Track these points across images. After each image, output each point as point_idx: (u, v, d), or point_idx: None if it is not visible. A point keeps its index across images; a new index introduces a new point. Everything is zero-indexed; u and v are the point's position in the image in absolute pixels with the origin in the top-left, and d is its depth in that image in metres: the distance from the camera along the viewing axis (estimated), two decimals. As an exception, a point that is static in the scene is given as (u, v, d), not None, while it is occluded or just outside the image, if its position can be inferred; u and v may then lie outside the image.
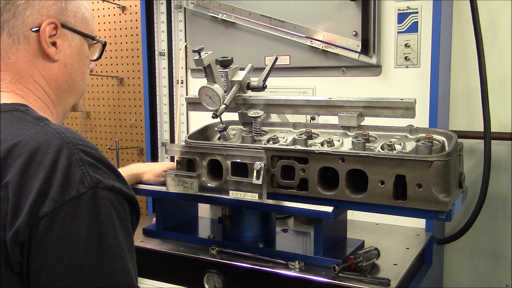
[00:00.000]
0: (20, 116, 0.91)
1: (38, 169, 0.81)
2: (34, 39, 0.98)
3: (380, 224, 1.81)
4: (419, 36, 1.71)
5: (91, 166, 0.84)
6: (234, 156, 1.42)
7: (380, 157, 1.26)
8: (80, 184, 0.81)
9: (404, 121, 1.41)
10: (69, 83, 1.06)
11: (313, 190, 1.36)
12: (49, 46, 0.99)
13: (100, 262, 0.81)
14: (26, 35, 0.98)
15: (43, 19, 0.98)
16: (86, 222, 0.80)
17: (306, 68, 1.91)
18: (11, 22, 0.96)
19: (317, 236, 1.41)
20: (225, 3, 2.00)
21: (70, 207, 0.80)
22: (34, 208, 0.78)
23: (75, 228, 0.80)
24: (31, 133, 0.86)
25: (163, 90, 2.21)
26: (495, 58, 1.86)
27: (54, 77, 1.03)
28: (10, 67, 0.98)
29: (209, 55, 1.50)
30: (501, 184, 1.89)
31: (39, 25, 0.98)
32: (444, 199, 1.20)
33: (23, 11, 0.97)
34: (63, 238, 0.79)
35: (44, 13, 0.98)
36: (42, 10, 0.98)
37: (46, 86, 1.02)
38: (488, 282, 1.98)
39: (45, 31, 0.98)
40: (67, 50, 1.03)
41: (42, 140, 0.84)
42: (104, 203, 0.83)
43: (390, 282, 1.29)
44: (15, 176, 0.80)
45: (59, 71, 1.03)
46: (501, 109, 1.88)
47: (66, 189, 0.80)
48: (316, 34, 1.85)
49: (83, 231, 0.80)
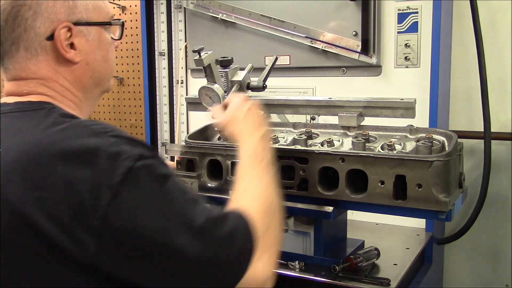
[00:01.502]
0: (47, 113, 0.92)
1: (81, 164, 0.82)
2: (51, 47, 0.97)
3: (380, 224, 1.81)
4: (419, 36, 1.71)
5: (128, 145, 0.85)
6: (234, 156, 1.42)
7: (380, 157, 1.26)
8: (126, 159, 0.82)
9: (404, 121, 1.41)
10: (93, 78, 1.05)
11: (313, 190, 1.36)
12: (67, 51, 0.98)
13: (172, 220, 0.83)
14: (42, 45, 0.97)
15: (55, 25, 0.96)
16: (146, 191, 0.82)
17: (306, 68, 1.91)
18: (24, 36, 0.95)
19: (317, 236, 1.41)
20: (225, 3, 2.00)
21: (126, 185, 0.81)
22: (96, 201, 0.79)
23: (139, 199, 0.81)
24: (62, 129, 0.88)
25: (163, 90, 2.21)
26: (495, 58, 1.86)
27: (78, 78, 1.02)
28: (33, 75, 0.98)
29: (209, 55, 1.50)
30: (501, 184, 1.89)
31: (52, 32, 0.96)
32: (444, 199, 1.20)
33: (33, 23, 0.95)
34: (133, 213, 0.80)
35: (54, 19, 0.96)
36: (51, 16, 0.96)
37: (71, 88, 1.02)
38: (488, 282, 1.98)
39: (60, 37, 0.97)
40: (86, 46, 1.02)
41: (73, 135, 0.86)
42: (153, 168, 0.85)
43: (390, 282, 1.29)
44: None
45: (82, 71, 1.02)
46: (501, 109, 1.88)
47: (115, 171, 0.81)
48: (316, 34, 1.85)
49: (148, 199, 0.82)
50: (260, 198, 1.04)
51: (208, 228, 0.86)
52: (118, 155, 0.82)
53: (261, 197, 1.05)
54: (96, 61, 1.05)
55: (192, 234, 0.84)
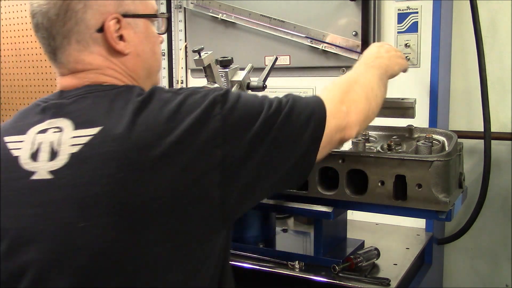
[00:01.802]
0: (128, 89, 0.97)
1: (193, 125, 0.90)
2: (102, 39, 0.98)
3: (380, 224, 1.81)
4: (419, 36, 1.71)
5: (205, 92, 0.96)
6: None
7: (380, 157, 1.26)
8: (215, 91, 0.94)
9: (404, 121, 1.41)
10: (145, 70, 1.07)
11: (313, 190, 1.35)
12: (117, 42, 0.99)
13: None
14: (93, 38, 0.98)
15: (104, 17, 0.97)
16: (243, 106, 0.94)
17: (306, 68, 1.91)
18: (75, 29, 0.96)
19: (317, 236, 1.41)
20: (225, 3, 2.00)
21: (226, 109, 0.91)
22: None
23: (239, 113, 0.93)
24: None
25: (163, 90, 2.21)
26: (495, 58, 1.86)
27: (131, 69, 1.03)
28: (89, 66, 0.99)
29: (209, 55, 1.50)
30: (501, 184, 1.89)
31: (102, 24, 0.98)
32: (444, 199, 1.20)
33: (84, 16, 0.96)
34: (236, 131, 0.92)
35: (104, 11, 0.98)
36: (101, 8, 0.97)
37: (128, 76, 1.03)
38: (488, 282, 1.98)
39: (110, 29, 0.98)
40: (135, 38, 1.03)
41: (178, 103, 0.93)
42: (234, 92, 0.97)
43: (390, 282, 1.29)
44: None
45: (134, 62, 1.03)
46: (501, 109, 1.88)
47: (216, 104, 0.92)
48: (316, 34, 1.85)
49: (244, 113, 0.94)
50: (344, 80, 1.17)
51: None
52: (208, 96, 0.93)
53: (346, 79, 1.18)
54: (146, 53, 1.06)
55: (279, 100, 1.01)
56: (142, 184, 0.84)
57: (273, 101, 0.99)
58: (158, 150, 0.85)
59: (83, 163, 0.86)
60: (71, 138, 0.89)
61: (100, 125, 0.88)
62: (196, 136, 0.87)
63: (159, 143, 0.85)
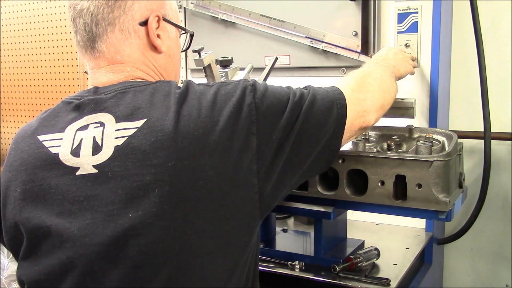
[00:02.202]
0: (164, 84, 1.00)
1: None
2: (143, 32, 1.03)
3: (380, 224, 1.81)
4: (419, 36, 1.71)
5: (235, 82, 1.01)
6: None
7: (380, 157, 1.26)
8: (244, 81, 1.00)
9: (404, 121, 1.41)
10: (174, 72, 1.13)
11: (313, 190, 1.35)
12: (156, 39, 1.04)
13: None
14: (136, 29, 1.02)
15: (148, 13, 1.03)
16: (271, 95, 1.01)
17: (306, 68, 1.91)
18: (121, 18, 1.00)
19: (317, 236, 1.41)
20: (225, 3, 2.00)
21: (257, 96, 0.97)
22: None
23: (269, 96, 1.01)
24: None
25: (163, 90, 2.21)
26: (495, 58, 1.86)
27: (164, 67, 1.08)
28: (127, 59, 1.02)
29: (209, 55, 1.50)
30: (501, 184, 1.89)
31: (146, 19, 1.03)
32: (444, 199, 1.20)
33: (132, 7, 1.01)
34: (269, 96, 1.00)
35: (149, 7, 1.04)
36: (147, 4, 1.03)
37: (160, 75, 1.07)
38: (488, 282, 1.98)
39: (152, 24, 1.03)
40: (169, 41, 1.09)
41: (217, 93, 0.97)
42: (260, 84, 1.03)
43: (390, 282, 1.29)
44: None
45: (166, 61, 1.09)
46: (501, 109, 1.88)
47: (246, 92, 0.97)
48: (316, 34, 1.85)
49: (277, 98, 1.02)
50: (357, 76, 1.23)
51: None
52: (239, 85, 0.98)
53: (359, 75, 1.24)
54: (175, 58, 1.13)
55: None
56: (192, 172, 0.86)
57: (296, 91, 1.06)
58: (204, 139, 0.88)
59: (129, 154, 0.88)
60: (115, 131, 0.91)
61: (144, 117, 0.91)
62: (236, 124, 0.91)
63: (204, 132, 0.89)
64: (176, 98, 0.93)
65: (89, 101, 0.97)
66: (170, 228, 0.85)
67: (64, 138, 0.94)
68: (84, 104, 0.97)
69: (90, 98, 0.98)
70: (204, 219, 0.87)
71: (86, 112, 0.96)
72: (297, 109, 1.00)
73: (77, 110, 0.97)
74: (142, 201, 0.85)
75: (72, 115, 0.97)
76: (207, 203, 0.87)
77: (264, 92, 0.98)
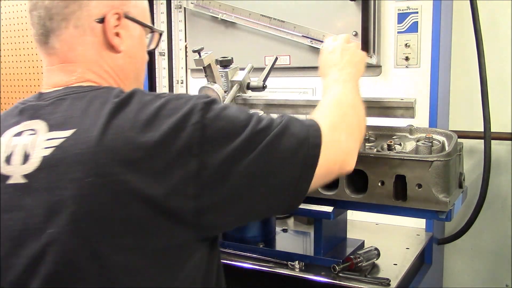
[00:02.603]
0: (107, 91, 0.94)
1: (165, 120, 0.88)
2: (99, 30, 0.98)
3: (380, 224, 1.81)
4: (419, 36, 1.71)
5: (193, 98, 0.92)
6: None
7: (380, 157, 1.26)
8: (197, 98, 0.90)
9: (404, 121, 1.41)
10: (134, 74, 1.07)
11: (313, 190, 1.35)
12: (113, 37, 0.99)
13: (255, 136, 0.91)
14: (92, 26, 0.97)
15: (107, 10, 0.98)
16: (225, 120, 0.90)
17: (306, 68, 1.91)
18: (77, 13, 0.96)
19: (317, 236, 1.41)
20: (225, 3, 2.00)
21: (208, 118, 0.88)
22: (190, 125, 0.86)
23: (221, 124, 0.89)
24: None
25: (163, 90, 2.21)
26: (495, 58, 1.86)
27: (121, 67, 1.02)
28: (80, 58, 0.98)
29: (209, 55, 1.50)
30: (501, 184, 1.89)
31: (104, 15, 0.98)
32: (444, 199, 1.20)
33: (89, 3, 0.96)
34: (222, 143, 0.87)
35: (108, 4, 0.98)
36: (106, 1, 0.98)
37: (116, 76, 1.02)
38: (488, 282, 1.98)
39: (110, 22, 0.98)
40: (130, 41, 1.03)
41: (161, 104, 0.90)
42: (220, 104, 0.94)
43: (390, 282, 1.29)
44: None
45: (124, 61, 1.03)
46: (501, 109, 1.88)
47: (196, 112, 0.87)
48: (316, 34, 1.85)
49: (226, 125, 0.89)
50: (330, 103, 1.11)
51: None
52: (188, 103, 0.89)
53: (333, 102, 1.12)
54: (137, 58, 1.07)
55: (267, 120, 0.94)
56: (112, 190, 0.80)
57: (263, 119, 0.93)
58: (130, 155, 0.81)
59: (54, 166, 0.83)
60: (45, 141, 0.86)
61: (74, 127, 0.85)
62: (171, 143, 0.83)
63: (131, 148, 0.82)
64: (111, 107, 0.86)
65: (30, 106, 0.93)
66: (85, 248, 0.80)
67: (1, 144, 0.90)
68: (25, 110, 0.93)
69: (32, 103, 0.94)
70: (125, 240, 0.81)
71: (25, 118, 0.91)
72: (256, 139, 0.88)
73: (19, 115, 0.93)
74: (59, 217, 0.80)
75: (14, 120, 0.93)
76: (129, 225, 0.81)
77: (219, 113, 0.88)
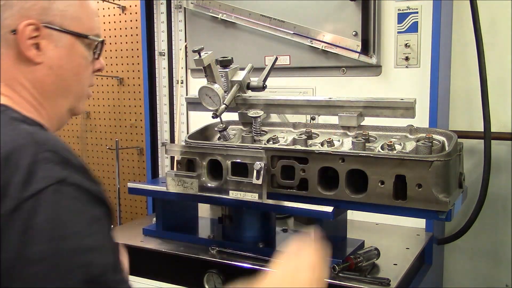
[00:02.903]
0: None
1: (3, 169, 0.78)
2: (14, 42, 0.94)
3: (380, 224, 1.81)
4: (419, 36, 1.71)
5: (58, 165, 0.81)
6: (234, 156, 1.42)
7: (380, 157, 1.26)
8: (42, 179, 0.78)
9: (404, 121, 1.41)
10: (57, 86, 1.00)
11: (313, 190, 1.36)
12: (28, 49, 0.95)
13: (60, 257, 0.77)
14: (6, 38, 0.94)
15: (22, 21, 0.94)
16: (46, 217, 0.77)
17: (306, 68, 1.91)
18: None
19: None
20: (225, 3, 2.00)
21: (30, 203, 0.76)
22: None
23: (36, 223, 0.76)
24: (1, 133, 0.84)
25: (163, 90, 2.21)
26: (495, 58, 1.86)
27: (39, 80, 0.97)
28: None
29: (209, 55, 1.50)
30: (501, 184, 1.89)
31: (16, 27, 0.93)
32: (444, 199, 1.20)
33: (2, 14, 0.93)
34: (23, 234, 0.75)
35: (24, 14, 0.94)
36: (22, 11, 0.94)
37: (32, 88, 0.97)
38: (488, 282, 1.98)
39: (24, 33, 0.94)
40: (53, 51, 0.97)
41: (8, 140, 0.82)
42: (67, 198, 0.80)
43: (390, 282, 1.29)
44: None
45: (44, 73, 0.97)
46: (501, 109, 1.88)
47: (27, 186, 0.77)
48: (316, 34, 1.85)
49: (43, 226, 0.76)
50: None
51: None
52: (37, 170, 0.78)
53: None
54: (63, 69, 0.99)
55: None
56: None
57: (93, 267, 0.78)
58: None
59: None
60: None
61: None
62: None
63: None
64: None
65: None
66: None
67: None
68: None
69: None
70: None
71: None
72: None
73: None
74: None
75: None
76: None
77: (49, 205, 0.77)
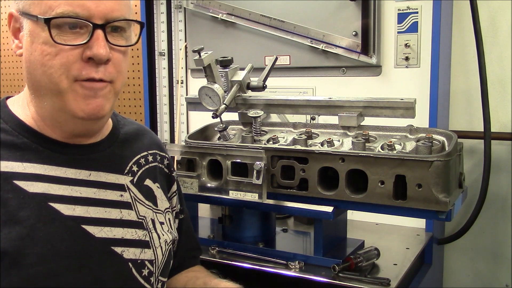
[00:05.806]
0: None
1: None
2: None
3: (380, 224, 1.81)
4: (419, 36, 1.71)
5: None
6: (234, 156, 1.42)
7: (380, 157, 1.26)
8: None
9: (404, 121, 1.41)
10: (30, 80, 0.91)
11: (313, 190, 1.36)
12: (13, 40, 0.91)
13: None
14: None
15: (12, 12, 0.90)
16: None
17: (306, 68, 1.91)
18: None
19: (317, 236, 1.41)
20: (225, 3, 2.00)
21: None
22: None
23: None
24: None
25: (163, 90, 2.21)
26: (495, 58, 1.86)
27: (24, 76, 0.92)
28: None
29: (209, 55, 1.50)
30: (501, 184, 1.89)
31: None
32: (444, 199, 1.20)
33: None
34: None
35: (13, 7, 0.89)
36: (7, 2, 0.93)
37: (24, 75, 0.93)
38: (488, 282, 1.98)
39: (10, 24, 0.91)
40: (24, 41, 0.89)
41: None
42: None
43: (390, 282, 1.29)
44: None
45: (24, 65, 0.90)
46: (501, 109, 1.88)
47: None
48: (316, 34, 1.85)
49: None
50: None
51: None
52: None
53: None
54: (30, 61, 0.89)
55: None
56: None
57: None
58: None
59: None
60: None
61: None
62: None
63: None
64: None
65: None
66: None
67: None
68: None
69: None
70: None
71: None
72: None
73: None
74: None
75: None
76: None
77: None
